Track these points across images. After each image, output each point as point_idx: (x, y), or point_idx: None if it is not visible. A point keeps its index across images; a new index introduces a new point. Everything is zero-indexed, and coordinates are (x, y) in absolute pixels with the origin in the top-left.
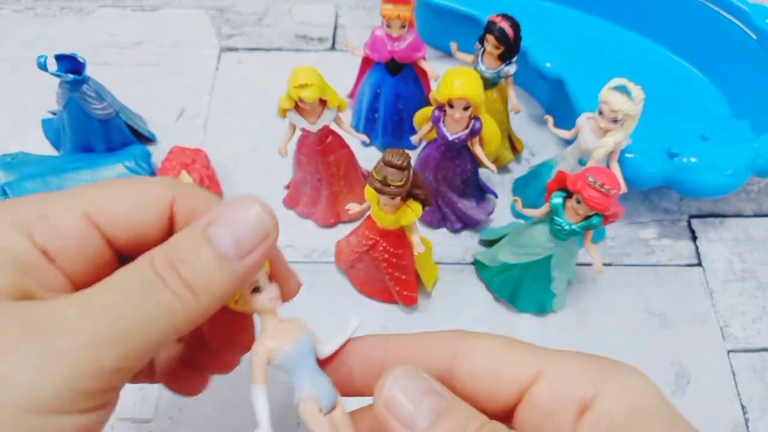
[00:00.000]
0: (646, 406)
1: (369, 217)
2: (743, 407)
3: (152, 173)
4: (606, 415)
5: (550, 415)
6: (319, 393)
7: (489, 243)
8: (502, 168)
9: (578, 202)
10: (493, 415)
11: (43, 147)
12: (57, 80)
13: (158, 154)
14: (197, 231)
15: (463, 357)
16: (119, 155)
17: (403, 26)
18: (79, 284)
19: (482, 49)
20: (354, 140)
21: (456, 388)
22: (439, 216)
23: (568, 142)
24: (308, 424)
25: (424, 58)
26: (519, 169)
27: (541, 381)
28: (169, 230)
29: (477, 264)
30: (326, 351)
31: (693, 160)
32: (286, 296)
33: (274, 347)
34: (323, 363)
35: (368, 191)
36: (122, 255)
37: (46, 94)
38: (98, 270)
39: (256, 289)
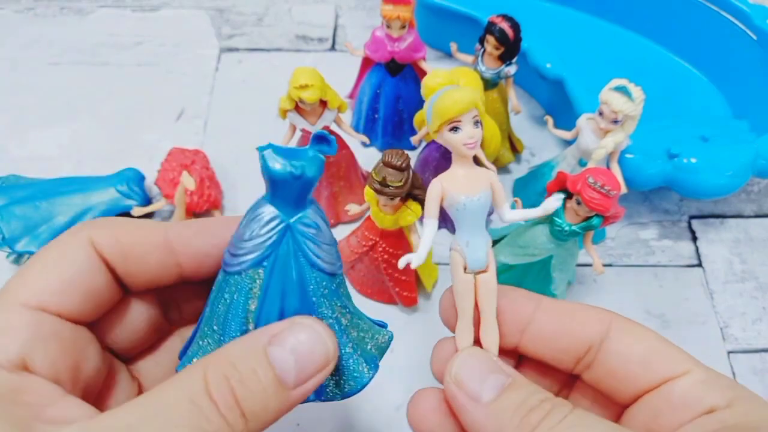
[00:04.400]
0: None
1: (369, 217)
2: None
3: (145, 197)
4: (720, 422)
5: (677, 409)
6: (469, 251)
7: None
8: (503, 169)
9: (578, 203)
10: (622, 399)
11: (42, 146)
12: (56, 78)
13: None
14: (258, 348)
15: (619, 335)
16: (111, 179)
17: (403, 27)
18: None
19: (482, 49)
20: (354, 141)
21: (599, 363)
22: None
23: (568, 143)
24: (453, 276)
25: (424, 58)
26: (519, 170)
27: (684, 378)
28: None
29: None
30: (508, 216)
31: (693, 160)
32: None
33: (448, 191)
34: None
35: (368, 192)
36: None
37: (46, 94)
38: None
39: (454, 128)
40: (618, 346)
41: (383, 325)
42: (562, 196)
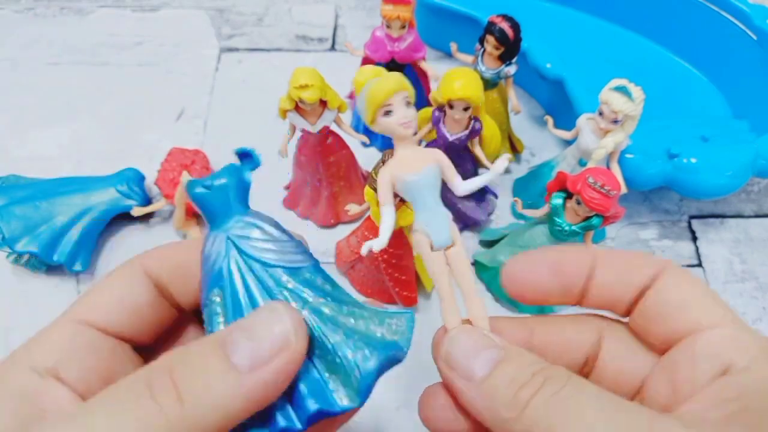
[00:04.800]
0: None
1: (369, 217)
2: None
3: (145, 197)
4: (739, 382)
5: (695, 363)
6: (432, 229)
7: (489, 243)
8: None
9: (578, 203)
10: (655, 345)
11: (42, 146)
12: (56, 78)
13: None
14: (213, 339)
15: (666, 279)
16: (111, 179)
17: (403, 27)
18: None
19: (482, 49)
20: (354, 141)
21: (640, 305)
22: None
23: (568, 143)
24: (422, 256)
25: (424, 58)
26: (519, 170)
27: (712, 331)
28: None
29: (477, 265)
30: (461, 188)
31: (693, 160)
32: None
33: (396, 174)
34: None
35: (368, 192)
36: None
37: (46, 94)
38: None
39: (388, 113)
40: (661, 290)
41: (404, 312)
42: (508, 155)
